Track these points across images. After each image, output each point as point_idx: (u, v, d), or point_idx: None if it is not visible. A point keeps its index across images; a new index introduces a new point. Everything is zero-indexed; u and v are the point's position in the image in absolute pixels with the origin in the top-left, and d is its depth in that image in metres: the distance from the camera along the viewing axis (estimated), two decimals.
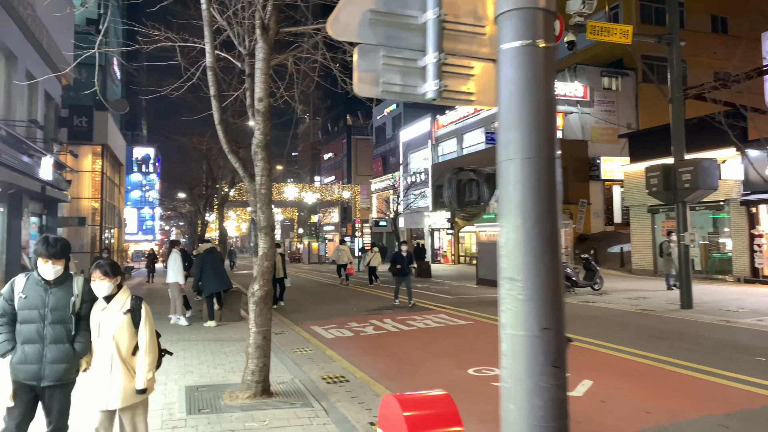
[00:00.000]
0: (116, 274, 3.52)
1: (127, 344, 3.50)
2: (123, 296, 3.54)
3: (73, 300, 3.45)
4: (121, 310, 3.47)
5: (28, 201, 10.91)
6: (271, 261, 5.80)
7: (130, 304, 3.51)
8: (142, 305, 3.56)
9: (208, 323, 10.89)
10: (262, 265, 5.75)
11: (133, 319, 3.50)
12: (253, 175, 6.14)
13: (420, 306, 13.61)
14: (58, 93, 14.35)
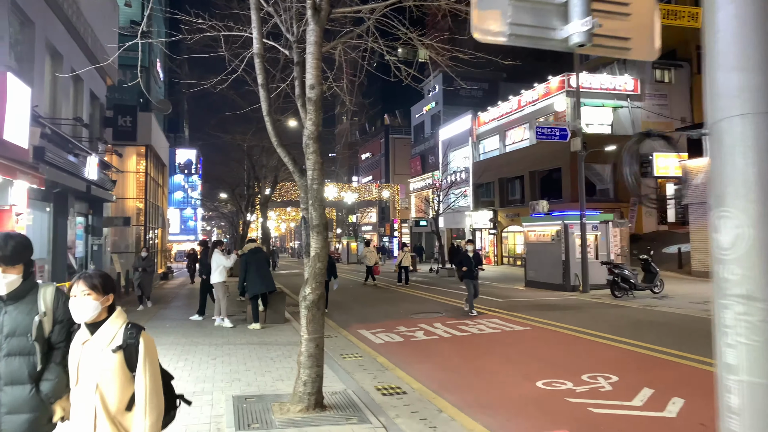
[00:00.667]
0: (107, 291, 2.41)
1: (118, 396, 2.34)
2: (114, 325, 2.38)
3: (37, 320, 2.50)
4: (110, 346, 2.32)
5: (73, 201, 10.82)
6: (324, 262, 5.33)
7: (123, 338, 2.34)
8: (140, 339, 2.36)
9: (253, 326, 10.57)
10: (314, 267, 5.28)
11: (128, 359, 2.33)
12: (303, 170, 5.70)
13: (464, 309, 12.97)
14: (103, 93, 14.35)
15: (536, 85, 30.40)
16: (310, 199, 5.29)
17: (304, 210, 5.68)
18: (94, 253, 13.46)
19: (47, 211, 10.36)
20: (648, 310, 12.24)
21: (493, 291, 17.76)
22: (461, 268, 12.05)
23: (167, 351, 8.20)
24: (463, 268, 12.05)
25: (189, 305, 14.20)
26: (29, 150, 7.82)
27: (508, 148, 33.89)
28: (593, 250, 17.21)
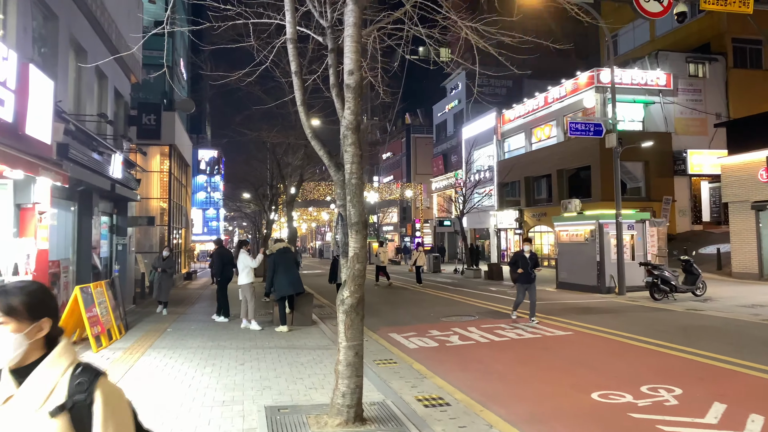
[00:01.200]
0: (38, 314, 1.53)
1: None
2: (53, 370, 1.50)
3: None
4: (45, 407, 1.45)
5: (98, 200, 10.60)
6: (363, 263, 4.91)
7: (68, 392, 1.47)
8: (97, 392, 1.47)
9: (280, 328, 10.21)
10: (353, 269, 4.86)
11: (77, 426, 1.45)
12: (340, 164, 5.29)
13: (503, 313, 12.45)
14: (127, 91, 14.18)
15: (564, 81, 29.65)
16: (348, 195, 4.88)
17: (341, 207, 5.27)
18: (118, 253, 13.27)
19: (72, 210, 10.14)
20: (694, 314, 11.57)
21: None
22: (516, 269, 10.95)
23: (193, 355, 7.87)
24: (519, 270, 10.87)
25: (213, 306, 13.93)
26: (53, 146, 7.57)
27: (535, 146, 33.15)
28: (629, 250, 16.52)
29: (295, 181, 13.72)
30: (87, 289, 8.20)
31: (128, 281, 13.49)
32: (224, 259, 12.04)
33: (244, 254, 10.79)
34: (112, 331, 8.84)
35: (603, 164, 26.52)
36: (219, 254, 12.42)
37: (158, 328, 10.29)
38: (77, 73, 10.28)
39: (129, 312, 12.32)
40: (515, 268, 10.96)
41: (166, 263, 12.40)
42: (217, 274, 12.14)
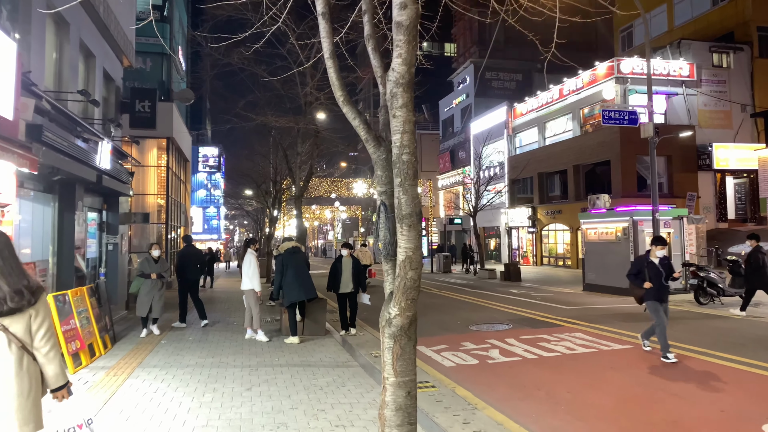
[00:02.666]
0: None
1: None
2: None
3: None
4: None
5: (82, 193, 9.29)
6: (418, 269, 3.60)
7: None
8: None
9: (290, 339, 8.91)
10: (404, 277, 3.55)
11: None
12: (379, 137, 3.98)
13: (539, 320, 11.14)
14: (119, 75, 12.86)
15: (581, 72, 28.27)
16: (398, 177, 3.56)
17: (383, 194, 3.95)
18: (109, 254, 11.97)
19: (51, 204, 8.83)
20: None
21: (550, 296, 15.87)
22: (641, 281, 7.54)
23: (190, 377, 6.56)
24: (646, 284, 7.48)
25: (214, 313, 12.64)
26: (18, 125, 6.25)
27: (548, 140, 31.82)
28: (666, 249, 15.17)
29: (303, 173, 12.38)
30: (63, 297, 6.89)
31: (120, 285, 12.18)
32: (185, 260, 10.46)
33: (251, 255, 9.47)
34: (95, 345, 7.53)
35: (624, 159, 25.22)
36: (183, 254, 10.70)
37: (151, 340, 8.97)
38: (58, 48, 8.97)
39: (120, 320, 11.01)
40: (639, 280, 7.56)
41: (159, 266, 9.42)
42: (177, 274, 10.73)
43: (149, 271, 9.29)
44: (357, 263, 9.78)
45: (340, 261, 9.73)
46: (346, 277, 9.61)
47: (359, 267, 9.78)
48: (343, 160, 53.61)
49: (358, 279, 9.69)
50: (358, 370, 7.06)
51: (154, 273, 9.30)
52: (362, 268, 9.94)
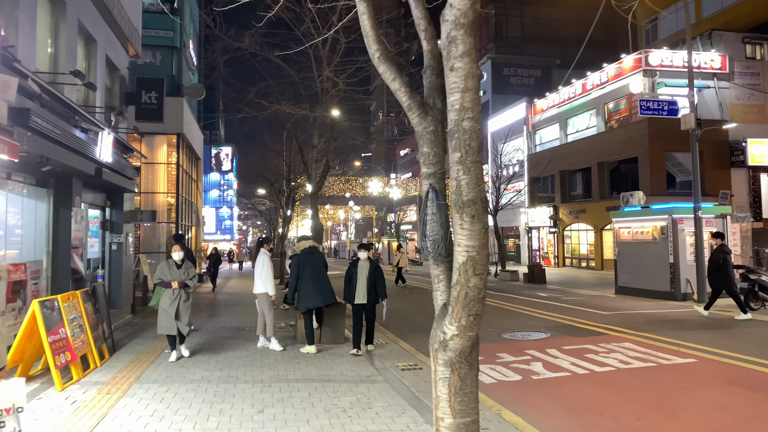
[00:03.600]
0: None
1: None
2: None
3: None
4: None
5: (80, 188, 8.52)
6: (483, 274, 2.71)
7: None
8: None
9: (307, 349, 8.05)
10: (465, 284, 2.66)
11: None
12: (425, 104, 3.10)
13: (578, 327, 10.17)
14: (124, 64, 12.12)
15: (605, 65, 27.18)
16: (456, 152, 2.68)
17: (430, 177, 3.07)
18: (112, 254, 11.22)
19: (46, 200, 8.06)
20: None
21: (581, 299, 14.86)
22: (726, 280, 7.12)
23: (194, 396, 5.72)
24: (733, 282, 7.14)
25: (227, 315, 11.84)
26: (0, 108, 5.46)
27: (570, 137, 30.71)
28: (707, 250, 14.11)
29: (319, 169, 11.53)
30: (52, 303, 6.09)
31: (125, 287, 11.43)
32: None
33: (264, 256, 8.61)
34: (90, 356, 6.73)
35: (652, 155, 24.06)
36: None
37: (153, 349, 8.16)
38: (53, 28, 8.20)
39: (124, 325, 10.24)
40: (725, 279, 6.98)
41: (183, 272, 7.43)
42: None
43: (170, 278, 7.32)
44: (376, 268, 8.06)
45: (356, 265, 8.08)
46: (363, 285, 7.92)
47: (379, 272, 8.04)
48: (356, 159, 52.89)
49: (378, 286, 8.00)
50: (384, 387, 6.17)
51: (175, 281, 7.33)
52: (381, 274, 8.06)
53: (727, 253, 10.87)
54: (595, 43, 49.20)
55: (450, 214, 2.85)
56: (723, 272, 10.69)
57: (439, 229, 2.94)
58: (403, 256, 21.53)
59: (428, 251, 3.01)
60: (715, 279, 10.88)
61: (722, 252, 10.81)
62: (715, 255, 10.92)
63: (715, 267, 10.82)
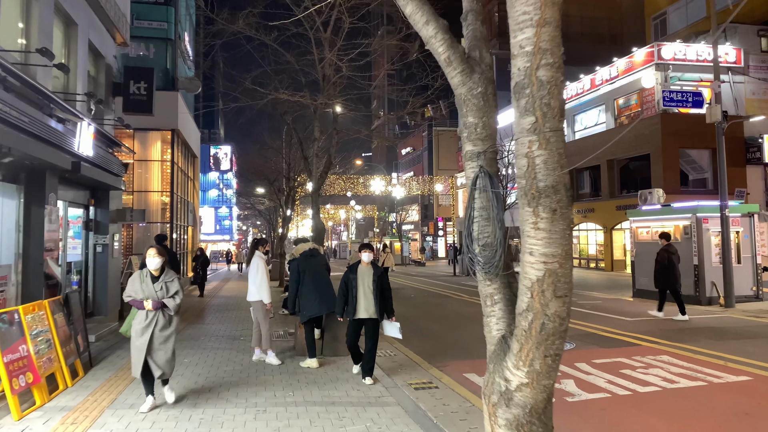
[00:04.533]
0: None
1: None
2: None
3: None
4: None
5: (56, 183, 7.67)
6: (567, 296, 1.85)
7: None
8: None
9: (308, 363, 7.21)
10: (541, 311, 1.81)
11: None
12: (468, 58, 2.24)
13: (603, 336, 9.31)
14: (110, 52, 11.26)
15: (615, 59, 26.30)
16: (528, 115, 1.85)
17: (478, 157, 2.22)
18: (97, 256, 10.36)
19: (16, 197, 7.22)
20: None
21: (598, 303, 14.00)
22: None
23: (175, 426, 4.86)
24: None
25: (222, 321, 10.99)
26: None
27: (578, 134, 29.84)
28: (734, 251, 13.27)
29: (321, 163, 10.68)
30: (11, 316, 5.23)
31: (111, 293, 10.57)
32: None
33: (259, 259, 7.75)
34: (59, 375, 5.87)
35: (665, 152, 23.20)
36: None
37: None
38: (23, 5, 7.35)
39: (109, 334, 9.39)
40: None
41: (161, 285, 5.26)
42: None
43: (142, 296, 5.19)
44: (382, 275, 6.43)
45: (355, 270, 6.37)
46: (365, 295, 6.28)
47: (385, 280, 6.44)
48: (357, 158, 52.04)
49: (384, 298, 6.34)
50: (397, 412, 5.33)
51: (149, 300, 5.15)
52: (387, 281, 6.49)
53: (672, 253, 10.91)
54: (599, 40, 48.53)
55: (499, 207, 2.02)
56: (668, 272, 10.83)
57: (494, 230, 2.11)
58: (388, 256, 21.11)
59: (477, 261, 2.16)
60: (660, 279, 11.02)
61: (667, 252, 10.89)
62: (661, 255, 11.01)
63: (661, 267, 10.93)
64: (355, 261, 6.68)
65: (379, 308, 6.28)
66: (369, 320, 6.33)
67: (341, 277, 6.48)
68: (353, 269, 6.42)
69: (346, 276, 6.43)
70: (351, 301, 6.33)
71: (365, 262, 6.43)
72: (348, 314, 6.42)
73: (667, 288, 11.03)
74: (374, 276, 6.38)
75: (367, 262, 6.42)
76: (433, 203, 53.18)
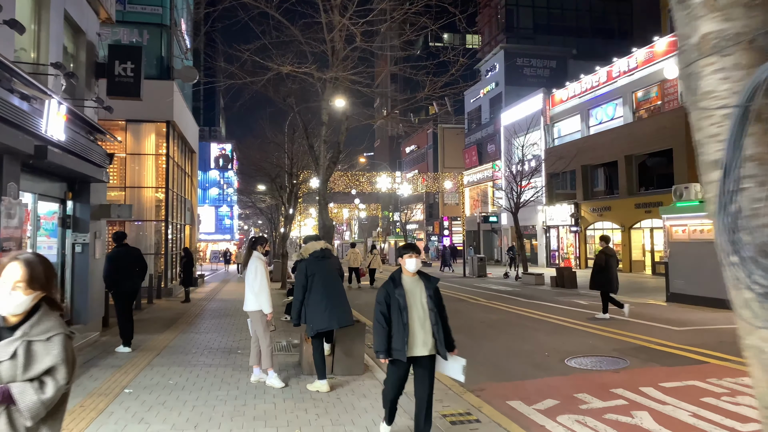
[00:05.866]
0: None
1: None
2: None
3: None
4: None
5: (17, 171, 6.48)
6: None
7: None
8: None
9: (316, 386, 6.00)
10: None
11: None
12: None
13: (657, 350, 8.08)
14: (93, 28, 10.06)
15: (635, 50, 25.07)
16: None
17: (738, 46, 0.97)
18: (76, 257, 9.15)
19: None
20: None
21: (632, 309, 12.73)
22: None
23: None
24: None
25: (218, 330, 9.77)
26: None
27: (593, 129, 28.59)
28: None
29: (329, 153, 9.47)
30: None
31: (92, 299, 9.37)
32: (117, 262, 7.92)
33: (257, 261, 6.52)
34: None
35: (690, 147, 21.92)
36: (113, 257, 8.09)
37: (111, 387, 6.08)
38: None
39: (87, 346, 8.19)
40: None
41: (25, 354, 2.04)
42: (108, 284, 8.13)
43: None
44: (437, 290, 4.34)
45: (401, 284, 4.25)
46: (421, 322, 4.18)
47: (440, 297, 4.36)
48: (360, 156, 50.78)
49: (444, 324, 4.27)
50: None
51: None
52: (441, 298, 4.36)
53: (610, 255, 11.08)
54: (609, 34, 47.18)
55: None
56: (604, 274, 10.99)
57: None
58: (376, 257, 21.16)
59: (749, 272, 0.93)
60: (596, 281, 11.19)
61: (604, 254, 11.06)
62: (598, 257, 11.21)
63: (598, 269, 11.09)
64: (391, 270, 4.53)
65: (440, 339, 4.15)
66: (424, 358, 4.18)
67: (377, 295, 4.29)
68: (396, 282, 4.25)
69: (387, 293, 4.22)
70: (399, 331, 4.09)
71: (411, 272, 4.27)
72: (396, 352, 4.10)
73: (603, 289, 11.11)
74: (428, 291, 4.23)
75: (413, 272, 4.28)
76: (438, 202, 51.95)
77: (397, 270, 4.36)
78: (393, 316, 4.15)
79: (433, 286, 4.28)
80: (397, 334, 4.10)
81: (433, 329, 4.16)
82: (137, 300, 8.42)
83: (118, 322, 8.02)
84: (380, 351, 4.15)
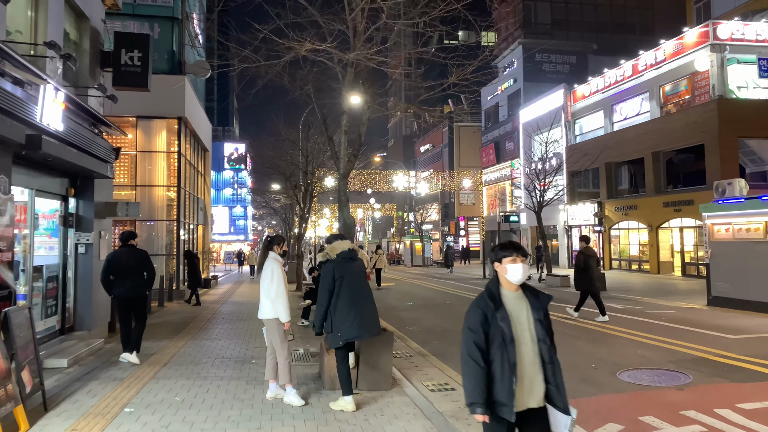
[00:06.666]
0: None
1: None
2: None
3: None
4: None
5: (8, 163, 5.86)
6: None
7: None
8: None
9: (341, 404, 5.27)
10: None
11: None
12: None
13: (718, 362, 7.23)
14: (98, 15, 9.46)
15: (663, 41, 24.02)
16: None
17: None
18: (79, 258, 8.53)
19: None
20: None
21: (670, 313, 11.88)
22: None
23: None
24: None
25: (233, 335, 9.10)
26: None
27: (617, 125, 27.54)
28: None
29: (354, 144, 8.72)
30: None
31: (97, 302, 8.74)
32: (113, 263, 7.21)
33: (274, 262, 5.80)
34: None
35: (722, 142, 20.86)
36: (109, 257, 7.46)
37: (110, 405, 5.41)
38: None
39: (89, 355, 7.55)
40: None
41: None
42: (104, 288, 7.39)
43: None
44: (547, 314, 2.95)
45: (501, 302, 2.89)
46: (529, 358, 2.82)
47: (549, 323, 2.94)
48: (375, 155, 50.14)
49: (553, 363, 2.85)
50: None
51: None
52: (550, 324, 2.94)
53: (589, 256, 10.99)
54: (631, 28, 45.96)
55: None
56: (585, 275, 10.96)
57: None
58: (381, 257, 21.25)
59: None
60: (578, 282, 11.19)
61: (584, 255, 11.01)
62: (578, 258, 11.16)
63: (578, 270, 11.11)
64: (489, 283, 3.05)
65: (559, 384, 2.84)
66: (534, 413, 2.83)
67: (467, 318, 2.92)
68: (496, 300, 2.89)
69: (485, 317, 2.85)
70: (504, 375, 2.75)
71: (516, 283, 2.92)
72: (501, 408, 2.74)
73: (586, 291, 11.05)
74: (536, 315, 2.91)
75: (518, 285, 2.93)
76: (454, 202, 51.05)
77: (493, 280, 2.98)
78: (493, 352, 2.79)
79: (543, 307, 2.92)
80: (502, 379, 2.74)
81: (547, 370, 2.83)
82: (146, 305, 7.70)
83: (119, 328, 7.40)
84: (476, 403, 2.72)
